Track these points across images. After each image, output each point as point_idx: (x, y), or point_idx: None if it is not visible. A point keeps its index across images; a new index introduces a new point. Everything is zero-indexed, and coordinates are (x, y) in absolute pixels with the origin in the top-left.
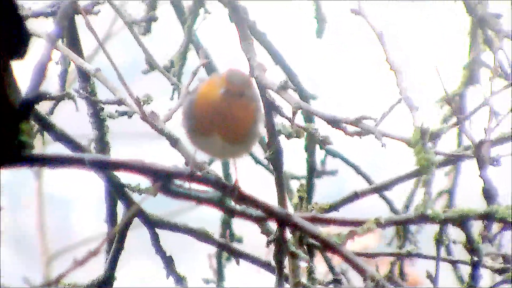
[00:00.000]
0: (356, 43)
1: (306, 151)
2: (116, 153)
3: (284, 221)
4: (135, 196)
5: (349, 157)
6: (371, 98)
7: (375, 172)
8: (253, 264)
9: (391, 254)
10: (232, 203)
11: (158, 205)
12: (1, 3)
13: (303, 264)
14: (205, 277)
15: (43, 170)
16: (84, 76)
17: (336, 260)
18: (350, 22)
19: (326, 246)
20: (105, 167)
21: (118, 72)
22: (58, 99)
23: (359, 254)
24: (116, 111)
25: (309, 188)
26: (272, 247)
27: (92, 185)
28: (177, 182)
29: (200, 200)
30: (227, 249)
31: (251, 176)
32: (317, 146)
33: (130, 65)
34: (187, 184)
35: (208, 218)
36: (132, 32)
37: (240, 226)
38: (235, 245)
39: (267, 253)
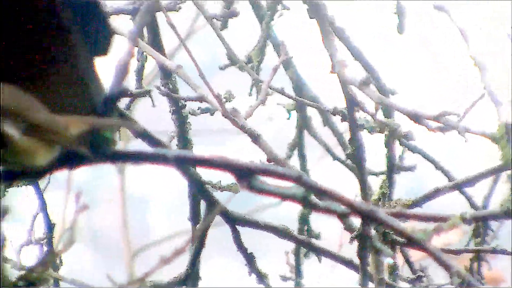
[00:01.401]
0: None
1: (386, 147)
2: (197, 151)
3: (368, 217)
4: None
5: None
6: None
7: (451, 167)
8: (335, 261)
9: (475, 251)
10: (316, 199)
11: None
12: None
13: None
14: (283, 275)
15: (125, 167)
16: (166, 73)
17: (414, 257)
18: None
19: (412, 242)
20: (189, 163)
21: (199, 68)
22: (139, 96)
23: (442, 251)
24: (198, 108)
25: (389, 185)
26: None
27: (169, 183)
28: (260, 178)
29: (284, 196)
30: (308, 246)
31: (328, 173)
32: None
33: (208, 65)
34: (269, 181)
35: (279, 217)
36: (213, 26)
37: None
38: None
39: (339, 249)
